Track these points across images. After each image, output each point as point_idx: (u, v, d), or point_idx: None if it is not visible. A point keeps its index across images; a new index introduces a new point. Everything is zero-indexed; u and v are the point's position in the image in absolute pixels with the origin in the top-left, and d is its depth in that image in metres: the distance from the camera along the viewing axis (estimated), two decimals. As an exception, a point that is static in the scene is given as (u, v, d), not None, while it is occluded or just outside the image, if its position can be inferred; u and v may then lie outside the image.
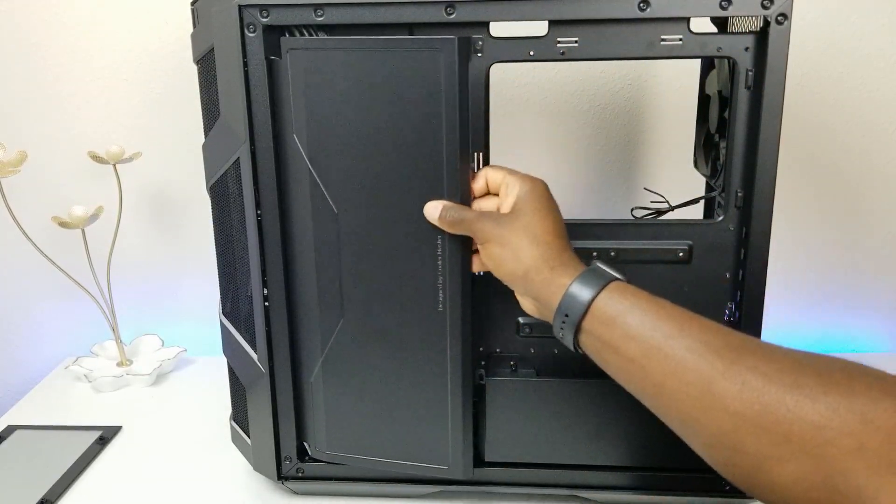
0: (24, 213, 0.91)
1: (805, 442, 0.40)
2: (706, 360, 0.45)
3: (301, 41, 0.58)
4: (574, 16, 0.57)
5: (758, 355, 0.44)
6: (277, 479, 0.70)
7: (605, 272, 0.52)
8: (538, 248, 0.53)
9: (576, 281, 0.51)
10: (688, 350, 0.46)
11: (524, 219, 0.54)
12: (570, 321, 0.51)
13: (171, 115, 0.98)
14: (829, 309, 1.03)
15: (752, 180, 0.60)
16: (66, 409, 0.92)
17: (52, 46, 0.96)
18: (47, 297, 1.06)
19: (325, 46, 0.58)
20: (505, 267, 0.55)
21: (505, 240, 0.55)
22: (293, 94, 0.59)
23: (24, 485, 0.75)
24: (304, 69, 0.58)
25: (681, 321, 0.48)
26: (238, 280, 0.68)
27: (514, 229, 0.54)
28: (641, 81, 0.95)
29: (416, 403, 0.64)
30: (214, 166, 0.66)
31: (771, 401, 0.41)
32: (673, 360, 0.46)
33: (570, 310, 0.51)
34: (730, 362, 0.44)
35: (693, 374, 0.45)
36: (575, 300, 0.51)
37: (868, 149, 0.96)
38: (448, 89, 0.55)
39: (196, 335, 1.04)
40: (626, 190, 0.99)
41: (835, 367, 0.42)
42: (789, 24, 0.56)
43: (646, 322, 0.48)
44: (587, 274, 0.52)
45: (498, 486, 0.69)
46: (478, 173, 0.60)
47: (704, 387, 0.44)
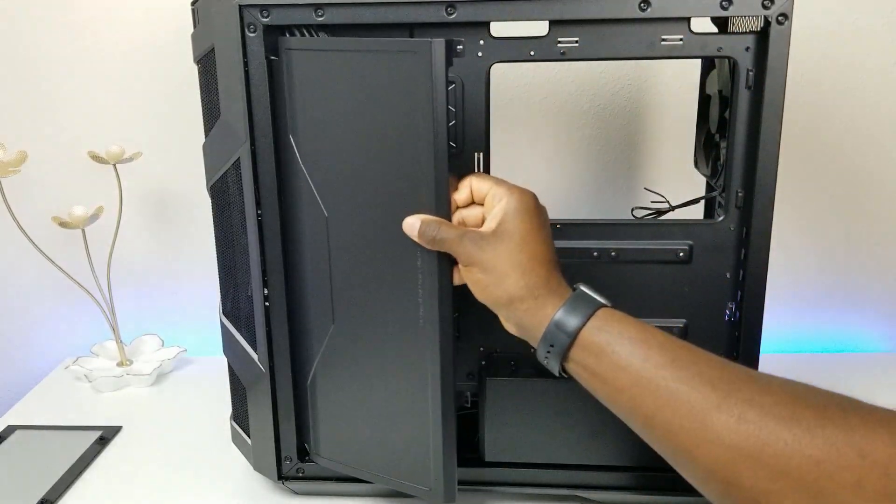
0: (24, 213, 0.91)
1: (803, 476, 0.39)
2: (700, 391, 0.44)
3: (298, 41, 0.58)
4: (574, 16, 0.57)
5: (753, 387, 0.43)
6: (277, 479, 0.70)
7: (592, 298, 0.51)
8: (523, 277, 0.51)
9: (561, 309, 0.50)
10: (680, 381, 0.45)
11: (509, 243, 0.52)
12: (555, 351, 0.50)
13: (171, 115, 0.98)
14: (829, 309, 1.03)
15: (752, 180, 0.60)
16: (66, 409, 0.92)
17: (53, 46, 0.96)
18: (47, 297, 1.06)
19: (319, 47, 0.57)
20: (487, 293, 0.53)
21: (488, 266, 0.52)
22: (289, 94, 0.59)
23: (24, 485, 0.75)
24: (300, 70, 0.58)
25: (672, 351, 0.47)
26: (238, 280, 0.68)
27: (497, 255, 0.52)
28: (641, 81, 0.95)
29: (400, 422, 0.62)
30: (214, 166, 0.66)
31: (768, 434, 0.41)
32: (665, 392, 0.45)
33: (556, 340, 0.50)
34: (724, 394, 0.43)
35: (686, 406, 0.44)
36: (560, 331, 0.50)
37: (868, 148, 0.96)
38: (427, 94, 0.52)
39: (196, 335, 1.04)
40: (626, 190, 0.99)
41: (830, 400, 0.42)
42: (790, 24, 0.56)
43: (636, 352, 0.47)
44: (573, 301, 0.50)
45: (498, 486, 0.69)
46: (462, 182, 0.57)
47: (698, 419, 0.43)
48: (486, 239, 0.53)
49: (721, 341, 0.65)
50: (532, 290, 0.51)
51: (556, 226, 0.64)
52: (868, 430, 0.39)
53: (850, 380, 0.92)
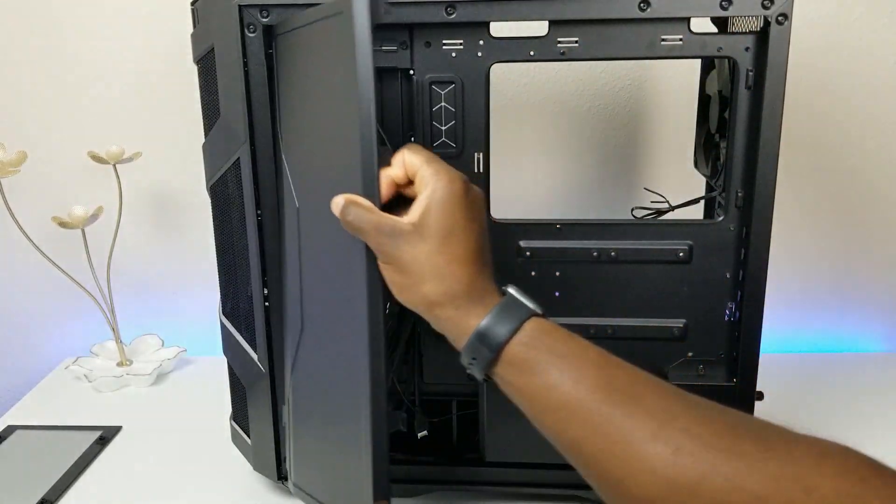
0: (24, 213, 0.91)
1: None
2: (634, 418, 0.41)
3: (282, 26, 0.57)
4: (574, 16, 0.57)
5: (691, 415, 0.40)
6: (277, 479, 0.70)
7: (521, 305, 0.46)
8: (442, 283, 0.46)
9: (485, 319, 0.45)
10: (614, 406, 0.41)
11: (429, 242, 0.46)
12: (477, 364, 0.46)
13: (171, 115, 0.98)
14: (829, 309, 1.03)
15: (752, 180, 0.60)
16: (66, 409, 0.92)
17: (53, 46, 0.96)
18: (47, 297, 1.06)
19: (290, 27, 0.54)
20: (404, 296, 0.48)
21: (403, 266, 0.46)
22: (277, 83, 0.58)
23: (24, 485, 0.75)
24: (280, 55, 0.57)
25: (607, 371, 0.43)
26: (238, 280, 0.68)
27: (414, 255, 0.46)
28: (641, 81, 0.95)
29: (343, 447, 0.53)
30: (214, 166, 0.66)
31: (706, 468, 0.38)
32: (597, 417, 0.42)
33: (478, 354, 0.46)
34: (661, 423, 0.40)
35: (619, 434, 0.41)
36: (483, 344, 0.45)
37: (868, 148, 0.96)
38: (351, 56, 0.46)
39: (196, 335, 1.04)
40: (626, 190, 0.99)
41: (771, 431, 0.39)
42: (790, 24, 0.56)
43: (567, 371, 0.43)
44: (499, 312, 0.46)
45: (498, 486, 0.69)
46: (394, 157, 0.49)
47: (632, 448, 0.40)
48: (404, 235, 0.46)
49: (721, 341, 0.65)
50: (453, 298, 0.46)
51: (556, 226, 0.64)
52: (813, 464, 0.36)
53: (850, 380, 0.92)
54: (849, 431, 0.63)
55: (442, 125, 0.62)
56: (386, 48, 0.60)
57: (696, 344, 0.65)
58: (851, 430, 0.77)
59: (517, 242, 0.64)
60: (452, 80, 0.60)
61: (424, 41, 0.60)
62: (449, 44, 0.60)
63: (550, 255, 0.64)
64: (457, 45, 0.60)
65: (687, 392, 0.43)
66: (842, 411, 0.83)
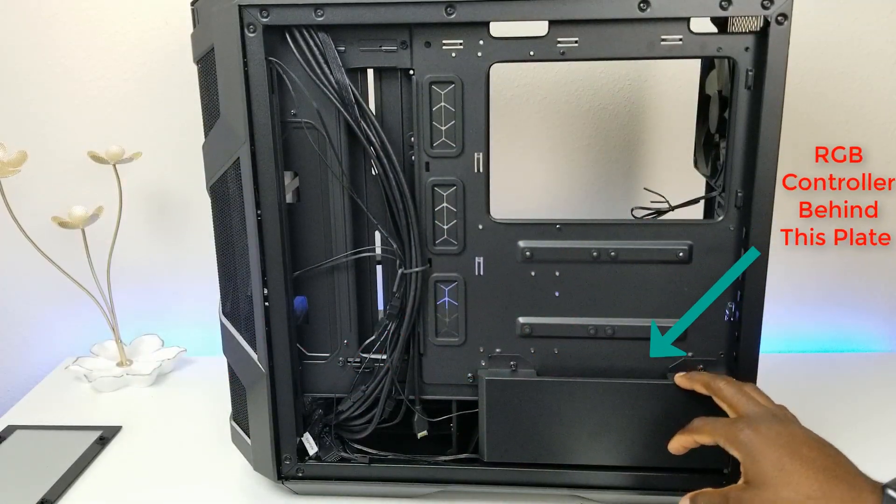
0: (24, 213, 0.91)
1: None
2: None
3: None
4: (574, 16, 0.57)
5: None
6: (277, 480, 0.70)
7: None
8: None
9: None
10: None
11: (765, 493, 0.49)
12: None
13: (171, 115, 0.98)
14: (829, 309, 1.03)
15: (752, 180, 0.60)
16: (66, 409, 0.92)
17: (52, 46, 0.96)
18: (47, 297, 1.05)
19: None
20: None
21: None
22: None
23: (24, 485, 0.75)
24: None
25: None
26: (238, 280, 0.68)
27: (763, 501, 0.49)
28: (641, 81, 0.95)
29: None
30: (214, 166, 0.66)
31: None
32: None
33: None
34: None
35: None
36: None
37: (868, 148, 0.96)
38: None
39: (196, 335, 1.04)
40: (626, 190, 0.99)
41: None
42: (789, 24, 0.56)
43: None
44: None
45: (498, 486, 0.69)
46: (694, 379, 0.60)
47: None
48: (743, 499, 0.50)
49: (721, 341, 0.65)
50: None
51: (556, 226, 0.64)
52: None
53: (850, 380, 0.92)
54: (849, 431, 0.63)
55: (442, 125, 0.62)
56: (386, 48, 0.60)
57: (696, 344, 0.65)
58: (851, 430, 0.77)
59: (517, 242, 0.64)
60: (452, 80, 0.60)
61: (424, 41, 0.60)
62: (449, 44, 0.60)
63: (550, 255, 0.64)
64: (457, 45, 0.60)
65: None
66: (842, 411, 0.83)
